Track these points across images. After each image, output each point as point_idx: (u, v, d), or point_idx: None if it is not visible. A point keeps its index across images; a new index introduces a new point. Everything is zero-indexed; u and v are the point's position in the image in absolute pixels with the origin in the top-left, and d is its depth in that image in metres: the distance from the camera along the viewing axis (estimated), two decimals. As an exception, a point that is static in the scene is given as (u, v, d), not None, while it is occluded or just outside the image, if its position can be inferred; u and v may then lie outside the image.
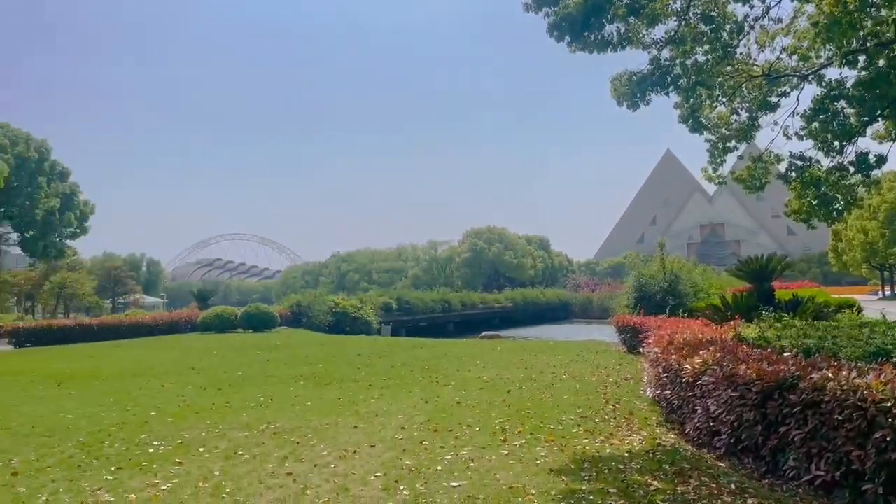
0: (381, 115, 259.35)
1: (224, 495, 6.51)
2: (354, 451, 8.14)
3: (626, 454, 7.70)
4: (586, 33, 10.53)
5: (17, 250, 49.26)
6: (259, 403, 11.88)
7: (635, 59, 32.56)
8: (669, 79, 11.50)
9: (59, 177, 42.01)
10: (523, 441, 8.43)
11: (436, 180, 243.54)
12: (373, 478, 7.00)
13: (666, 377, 10.02)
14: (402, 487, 6.62)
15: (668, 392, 9.82)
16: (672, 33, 11.32)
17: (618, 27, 10.79)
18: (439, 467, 7.31)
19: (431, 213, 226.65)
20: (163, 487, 6.81)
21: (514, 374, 15.02)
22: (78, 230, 43.74)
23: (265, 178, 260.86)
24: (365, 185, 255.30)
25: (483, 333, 35.39)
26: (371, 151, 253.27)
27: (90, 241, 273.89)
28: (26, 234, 41.60)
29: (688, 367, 8.75)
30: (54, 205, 40.36)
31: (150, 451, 8.44)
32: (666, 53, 11.50)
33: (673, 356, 9.73)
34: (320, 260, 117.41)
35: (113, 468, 7.61)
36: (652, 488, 6.38)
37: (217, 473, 7.30)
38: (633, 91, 11.47)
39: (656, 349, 11.14)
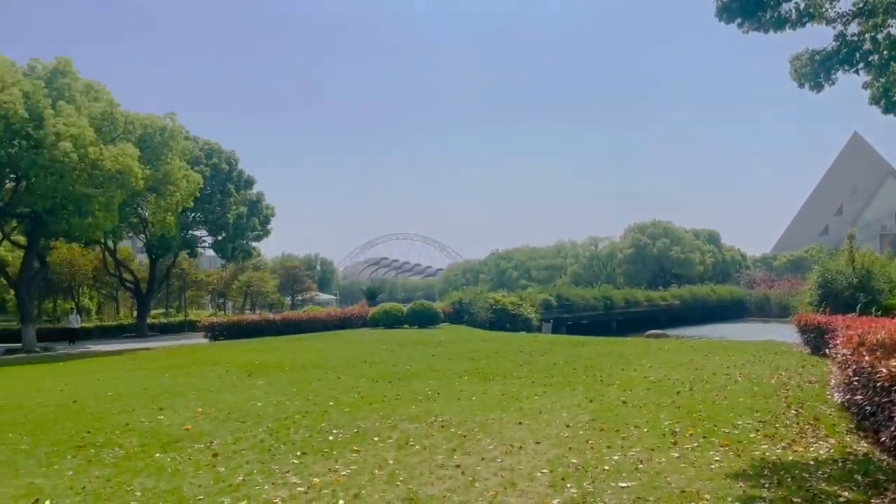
0: (543, 111, 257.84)
1: (398, 483, 6.85)
2: (520, 447, 8.22)
3: (812, 462, 7.15)
4: (760, 13, 9.87)
5: (211, 252, 54.48)
6: (426, 397, 12.33)
7: (808, 38, 29.90)
8: (858, 55, 10.47)
9: (245, 185, 46.00)
10: (695, 444, 8.09)
11: (598, 174, 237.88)
12: (539, 474, 7.04)
13: (857, 381, 9.16)
14: (569, 485, 6.61)
15: (859, 397, 8.96)
16: (860, 5, 10.30)
17: (797, 3, 10.00)
18: (607, 467, 7.20)
19: (591, 210, 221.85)
20: (342, 473, 7.28)
21: (684, 374, 14.40)
22: (261, 233, 47.57)
23: (427, 176, 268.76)
24: (523, 181, 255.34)
25: (648, 332, 34.19)
26: (531, 146, 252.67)
27: (270, 243, 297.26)
28: (218, 238, 45.84)
29: (883, 370, 7.94)
30: (242, 211, 44.22)
31: (331, 438, 9.04)
32: (854, 28, 10.48)
33: (865, 358, 8.87)
34: (479, 258, 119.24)
35: (298, 453, 8.25)
36: (842, 500, 5.88)
37: (391, 462, 7.68)
38: (817, 71, 10.57)
39: (845, 350, 10.20)
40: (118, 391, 14.55)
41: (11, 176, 30.42)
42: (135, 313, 48.12)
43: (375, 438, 8.94)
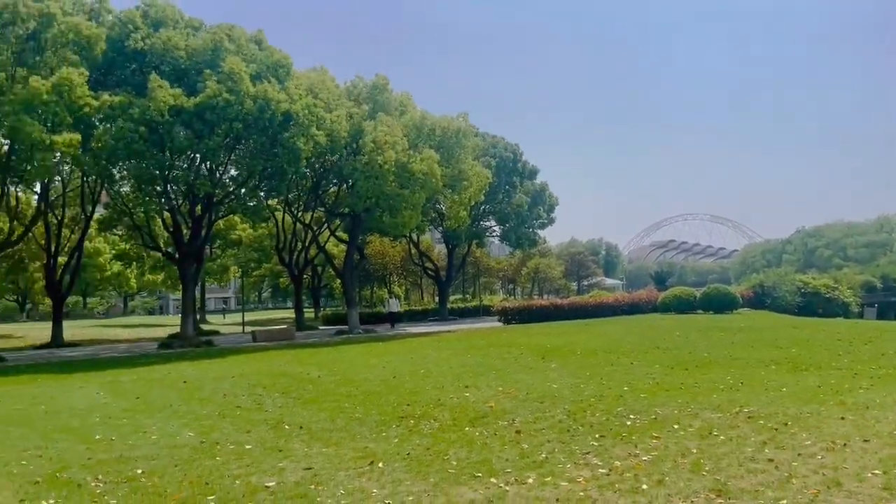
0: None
1: (704, 472, 6.60)
2: (844, 444, 7.38)
3: None
4: None
5: (499, 241, 57.40)
6: (728, 386, 11.64)
7: None
8: None
9: (529, 175, 47.53)
10: None
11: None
12: (870, 475, 6.27)
13: None
14: (910, 492, 5.78)
15: None
16: None
17: None
18: (961, 475, 6.14)
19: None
20: (643, 458, 7.22)
21: None
22: (546, 221, 48.78)
23: (716, 155, 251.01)
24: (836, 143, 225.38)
25: None
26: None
27: (555, 229, 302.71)
28: (505, 227, 48.07)
29: None
30: (527, 200, 45.77)
31: (628, 423, 9.01)
32: None
33: None
34: (782, 236, 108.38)
35: (597, 435, 8.36)
36: None
37: (694, 451, 7.42)
38: None
39: None
40: (428, 369, 16.09)
41: (334, 181, 35.27)
42: (436, 298, 52.56)
43: (675, 426, 8.70)
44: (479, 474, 6.86)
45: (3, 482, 7.30)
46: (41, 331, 40.04)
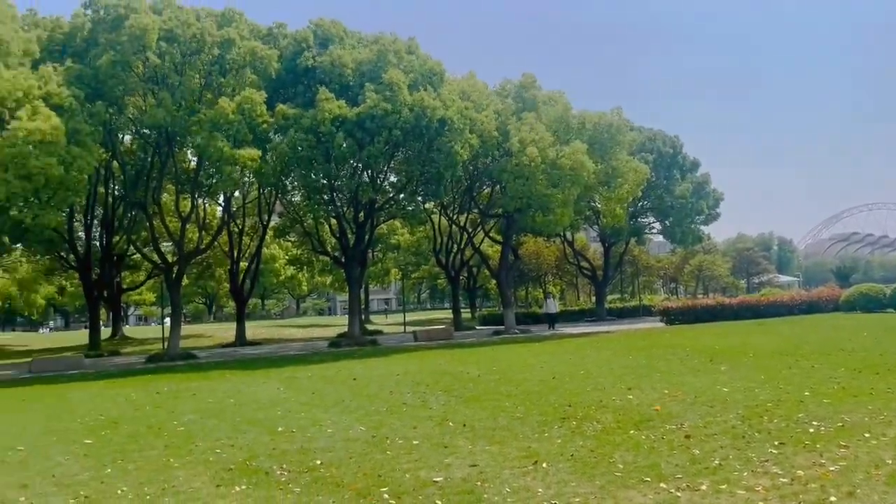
0: None
1: (904, 488, 5.99)
2: None
3: None
4: None
5: (660, 238, 55.14)
6: (930, 393, 10.44)
7: None
8: None
9: (690, 168, 45.29)
10: None
11: None
12: None
13: None
14: None
15: None
16: None
17: None
18: None
19: None
20: (830, 468, 6.67)
21: None
22: (710, 216, 46.24)
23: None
24: None
25: None
26: None
27: (721, 225, 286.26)
28: (665, 223, 46.08)
29: None
30: (688, 194, 43.65)
31: (810, 430, 8.35)
32: None
33: None
34: None
35: (776, 443, 7.82)
36: None
37: (889, 462, 6.75)
38: None
39: None
40: (588, 370, 15.84)
41: (487, 183, 35.74)
42: (593, 298, 51.57)
43: (866, 434, 7.94)
44: (648, 479, 6.67)
45: (202, 468, 8.11)
46: (226, 331, 44.03)
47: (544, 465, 7.43)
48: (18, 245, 38.00)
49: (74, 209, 33.19)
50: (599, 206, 39.16)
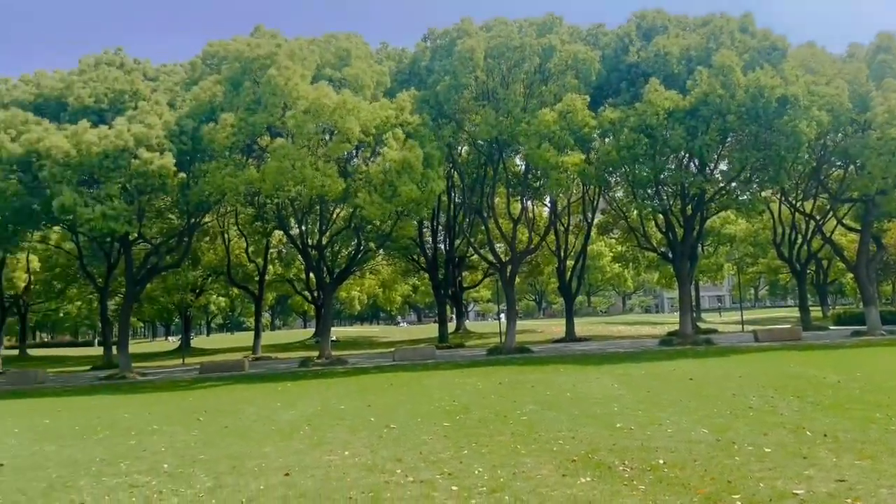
0: None
1: None
2: None
3: None
4: None
5: None
6: None
7: None
8: None
9: None
10: None
11: None
12: None
13: None
14: None
15: None
16: None
17: None
18: None
19: None
20: None
21: None
22: None
23: None
24: None
25: None
26: None
27: None
28: None
29: None
30: None
31: None
32: None
33: None
34: None
35: None
36: None
37: None
38: None
39: None
40: None
41: (839, 163, 31.45)
42: None
43: None
44: None
45: (547, 457, 8.50)
46: (555, 327, 45.64)
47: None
48: (381, 251, 44.02)
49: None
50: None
